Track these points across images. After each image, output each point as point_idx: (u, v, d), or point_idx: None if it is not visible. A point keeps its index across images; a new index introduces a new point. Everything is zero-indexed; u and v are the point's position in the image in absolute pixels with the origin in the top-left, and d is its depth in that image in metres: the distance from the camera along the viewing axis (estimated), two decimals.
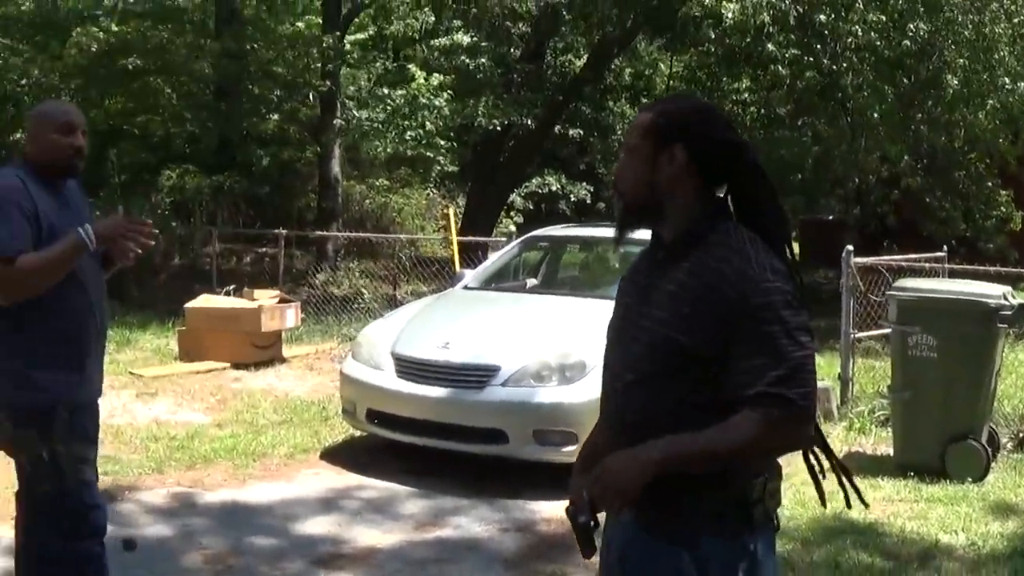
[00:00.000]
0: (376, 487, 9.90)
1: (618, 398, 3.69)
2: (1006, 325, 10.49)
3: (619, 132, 39.31)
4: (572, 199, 36.58)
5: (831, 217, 35.19)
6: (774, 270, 3.49)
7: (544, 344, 10.17)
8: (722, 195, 3.74)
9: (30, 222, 5.42)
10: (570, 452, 9.62)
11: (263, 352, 15.67)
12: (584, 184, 36.34)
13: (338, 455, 10.97)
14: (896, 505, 9.56)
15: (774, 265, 3.51)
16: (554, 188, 35.94)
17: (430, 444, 10.13)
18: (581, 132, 35.04)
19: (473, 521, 8.90)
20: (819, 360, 14.08)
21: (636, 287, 3.77)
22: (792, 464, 9.74)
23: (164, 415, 12.44)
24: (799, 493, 9.67)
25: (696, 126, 3.66)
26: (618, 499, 3.48)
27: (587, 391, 9.64)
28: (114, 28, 22.41)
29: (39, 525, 5.74)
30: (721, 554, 3.55)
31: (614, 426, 3.72)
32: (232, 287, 18.78)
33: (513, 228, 29.90)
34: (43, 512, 5.69)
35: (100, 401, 6.02)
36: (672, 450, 3.44)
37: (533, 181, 35.13)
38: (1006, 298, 10.39)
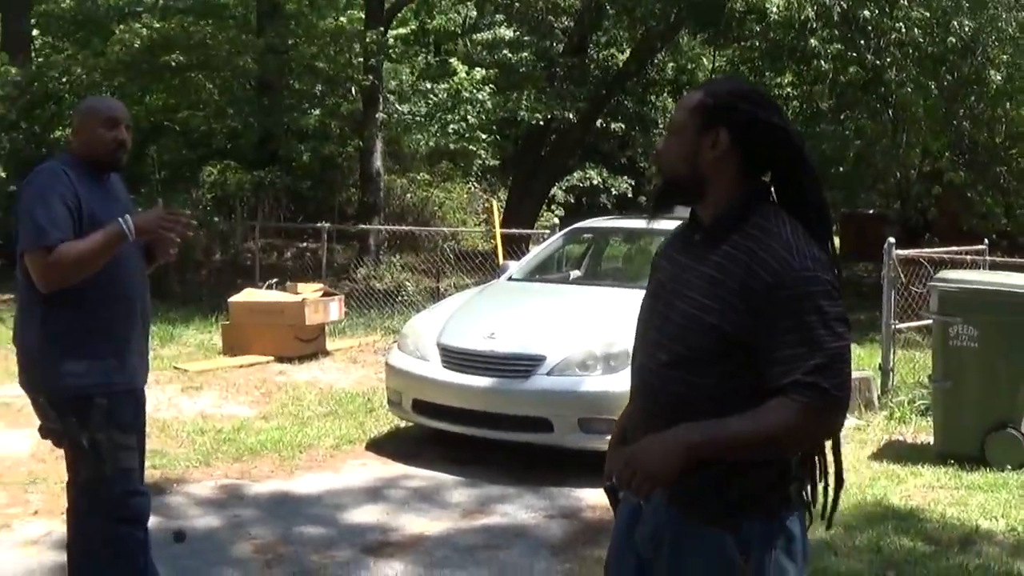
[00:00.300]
0: (422, 476, 9.94)
1: (652, 378, 3.69)
2: None
3: (661, 126, 39.33)
4: (614, 193, 36.62)
5: (872, 211, 35.09)
6: (815, 259, 3.48)
7: (588, 334, 10.18)
8: (765, 180, 3.72)
9: (71, 211, 5.48)
10: None
11: (307, 345, 15.72)
12: (626, 178, 36.39)
13: (384, 446, 11.02)
14: (937, 492, 9.62)
15: (815, 254, 3.50)
16: (595, 182, 35.96)
17: (476, 433, 10.16)
18: (623, 126, 35.07)
19: (519, 508, 8.94)
20: (860, 351, 14.23)
21: (672, 265, 3.77)
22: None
23: (210, 409, 12.50)
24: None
25: (743, 109, 3.63)
26: (647, 483, 3.48)
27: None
28: (156, 24, 22.41)
29: (82, 512, 5.80)
30: (761, 534, 3.58)
31: (647, 407, 3.73)
32: (275, 281, 18.85)
33: (556, 221, 29.93)
34: (85, 499, 5.76)
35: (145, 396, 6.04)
36: (703, 436, 3.46)
37: (575, 175, 35.16)
38: None
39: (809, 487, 3.77)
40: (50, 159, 5.95)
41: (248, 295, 16.59)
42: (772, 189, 3.72)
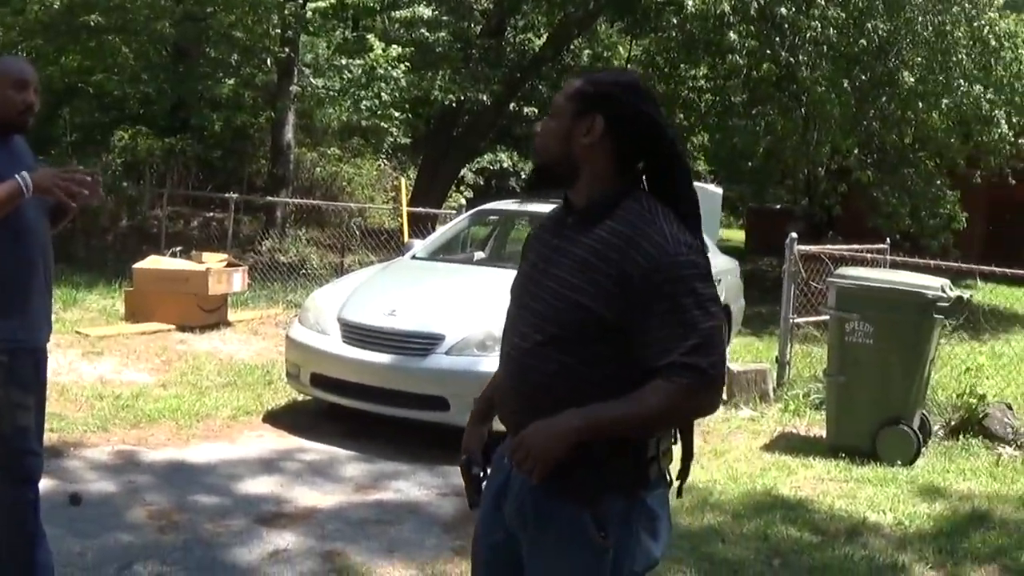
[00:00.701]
0: (318, 450, 10.02)
1: (525, 357, 3.79)
2: (942, 316, 10.74)
3: None
4: (523, 176, 36.70)
5: (779, 206, 35.43)
6: (688, 244, 3.62)
7: (488, 315, 10.24)
8: (638, 169, 3.83)
9: None
10: None
11: (209, 315, 15.72)
12: None
13: (281, 418, 11.08)
14: (826, 484, 9.82)
15: (688, 240, 3.63)
16: (506, 165, 36.09)
17: (373, 409, 10.24)
18: (536, 111, 35.07)
19: (412, 485, 9.04)
20: (759, 344, 14.46)
21: (544, 247, 3.88)
22: (726, 441, 9.94)
23: (109, 374, 12.49)
24: (731, 469, 9.97)
25: (621, 99, 3.77)
26: (539, 468, 3.61)
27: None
28: None
29: None
30: (620, 510, 3.70)
31: (517, 386, 3.84)
32: (179, 249, 18.80)
33: (463, 202, 29.93)
34: None
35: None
36: (588, 420, 3.58)
37: (485, 157, 35.24)
38: (944, 290, 10.64)
39: (668, 469, 3.87)
40: None
41: (152, 262, 16.54)
42: (644, 178, 3.84)
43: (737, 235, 42.94)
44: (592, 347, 3.64)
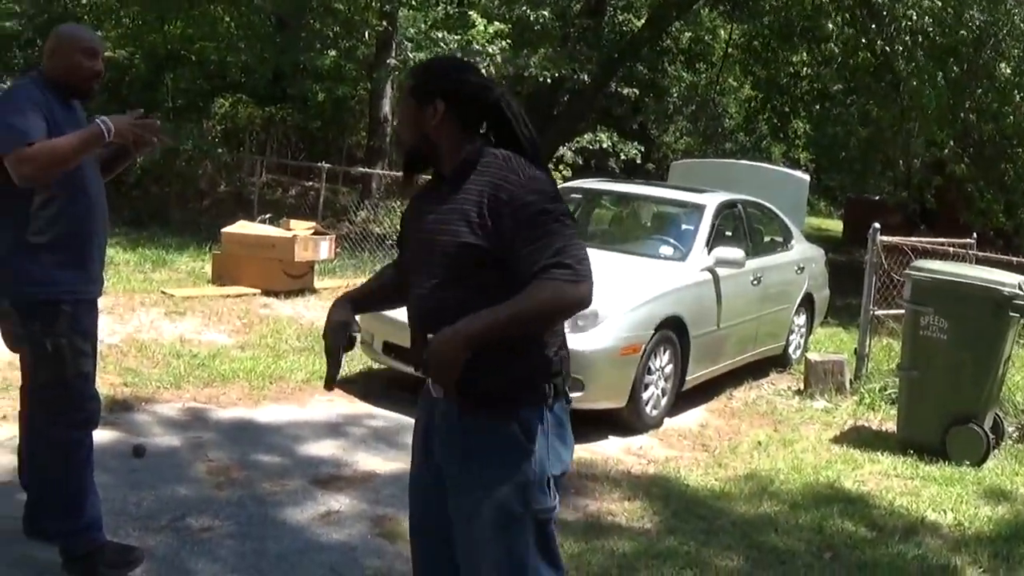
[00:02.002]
0: (385, 417, 10.11)
1: (425, 301, 4.36)
2: (1018, 315, 10.51)
3: (674, 95, 39.30)
4: (622, 157, 36.53)
5: (877, 197, 35.09)
6: (535, 176, 4.25)
7: None
8: (483, 131, 4.47)
9: (47, 123, 5.60)
10: (576, 398, 9.72)
11: (294, 281, 15.88)
12: (635, 143, 36.28)
13: (353, 384, 11.17)
14: (891, 480, 9.71)
15: (535, 173, 4.25)
16: (605, 145, 35.82)
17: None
18: (636, 92, 34.98)
19: None
20: (844, 335, 14.35)
21: (426, 212, 4.44)
22: (796, 431, 9.91)
23: (189, 334, 12.66)
24: (797, 459, 9.89)
25: (448, 79, 4.44)
26: (449, 373, 4.03)
27: (597, 340, 9.88)
28: None
29: (38, 414, 5.97)
30: (536, 420, 4.26)
31: (424, 327, 4.28)
32: (269, 215, 18.99)
33: (561, 181, 29.92)
34: (43, 401, 5.93)
35: (128, 316, 6.21)
36: (484, 322, 4.04)
37: (585, 136, 35.06)
38: (1021, 287, 10.45)
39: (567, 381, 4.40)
40: (19, 79, 6.06)
41: (241, 227, 16.72)
42: (490, 135, 4.46)
43: (835, 225, 42.61)
44: (479, 278, 4.21)
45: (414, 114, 4.44)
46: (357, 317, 4.81)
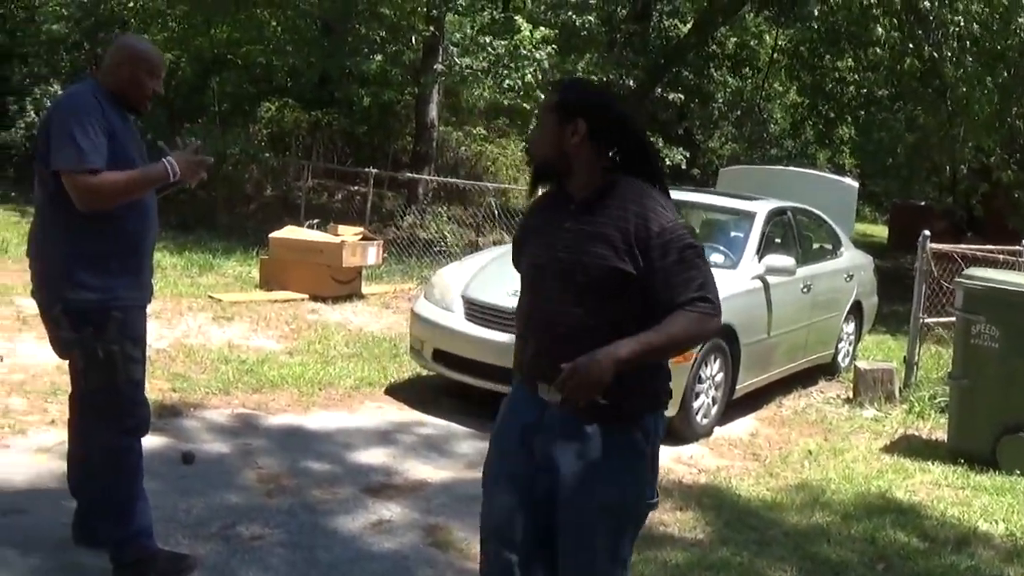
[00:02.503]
0: (435, 424, 10.11)
1: (559, 314, 4.59)
2: None
3: (720, 100, 39.17)
4: (668, 163, 36.46)
5: (923, 203, 34.90)
6: (675, 211, 4.60)
7: None
8: (615, 157, 4.70)
9: (107, 138, 5.64)
10: None
11: (342, 287, 15.90)
12: (681, 149, 36.22)
13: (402, 391, 11.17)
14: (942, 490, 9.64)
15: (673, 208, 4.60)
16: None
17: (492, 387, 10.24)
18: (682, 97, 34.91)
19: None
20: (892, 343, 14.26)
21: (557, 230, 4.68)
22: (847, 440, 9.87)
23: (237, 339, 12.68)
24: (848, 468, 9.84)
25: (595, 103, 4.71)
26: (589, 394, 4.33)
27: None
28: None
29: (89, 420, 5.98)
30: (654, 426, 4.70)
31: (551, 334, 4.61)
32: (316, 221, 19.04)
33: None
34: (94, 407, 5.95)
35: (176, 321, 6.26)
36: (634, 347, 4.36)
37: None
38: None
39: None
40: (77, 84, 6.08)
41: (289, 232, 16.76)
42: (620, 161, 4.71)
43: (881, 231, 42.42)
44: (619, 301, 4.51)
45: (554, 130, 4.65)
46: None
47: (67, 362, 6.07)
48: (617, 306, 4.52)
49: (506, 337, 10.20)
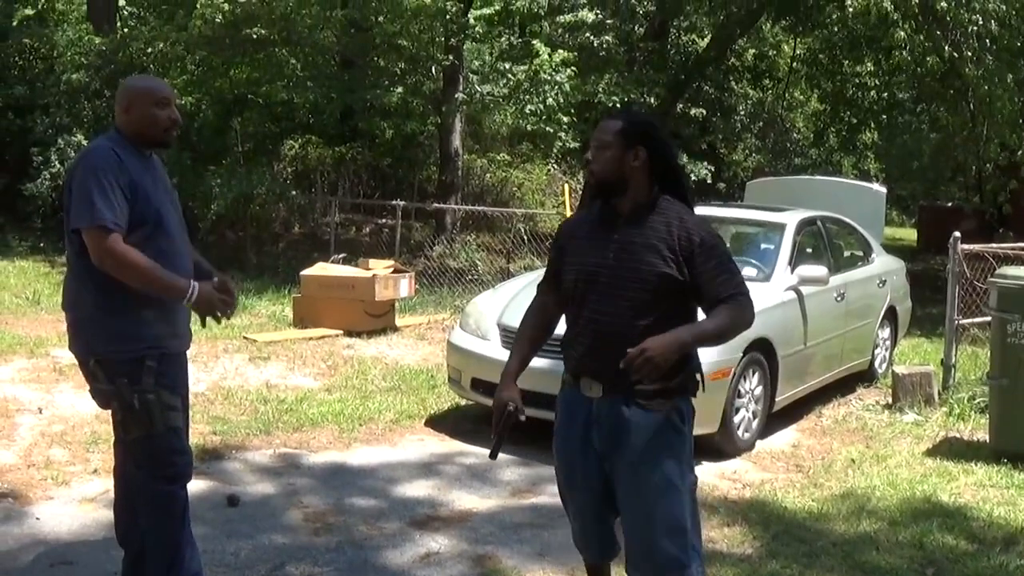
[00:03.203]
0: (477, 454, 10.05)
1: (617, 316, 5.42)
2: None
3: (741, 112, 39.17)
4: (693, 178, 36.41)
5: (950, 204, 34.80)
6: (710, 223, 5.71)
7: None
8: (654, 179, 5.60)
9: (125, 194, 5.69)
10: None
11: (376, 321, 15.92)
12: (705, 163, 36.19)
13: (442, 422, 11.19)
14: (987, 490, 9.62)
15: (706, 222, 5.57)
16: None
17: (532, 414, 10.15)
18: (704, 112, 34.93)
19: None
20: (928, 346, 14.22)
21: (606, 241, 5.54)
22: (888, 446, 9.83)
23: (275, 379, 12.71)
24: (892, 474, 9.81)
25: (653, 135, 5.59)
26: (656, 371, 5.13)
27: None
28: None
29: (130, 470, 6.01)
30: (687, 408, 5.60)
31: (599, 332, 5.48)
32: (344, 255, 19.08)
33: None
34: (133, 457, 5.97)
35: (213, 363, 6.28)
36: (694, 333, 5.38)
37: None
38: None
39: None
40: (98, 138, 6.11)
41: (320, 269, 16.81)
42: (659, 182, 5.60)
43: (909, 234, 42.35)
44: (668, 302, 5.40)
45: (618, 153, 5.48)
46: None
47: (108, 411, 6.10)
48: (660, 308, 5.38)
49: (543, 363, 10.12)
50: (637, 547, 5.55)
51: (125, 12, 29.60)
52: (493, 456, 6.05)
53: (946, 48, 21.96)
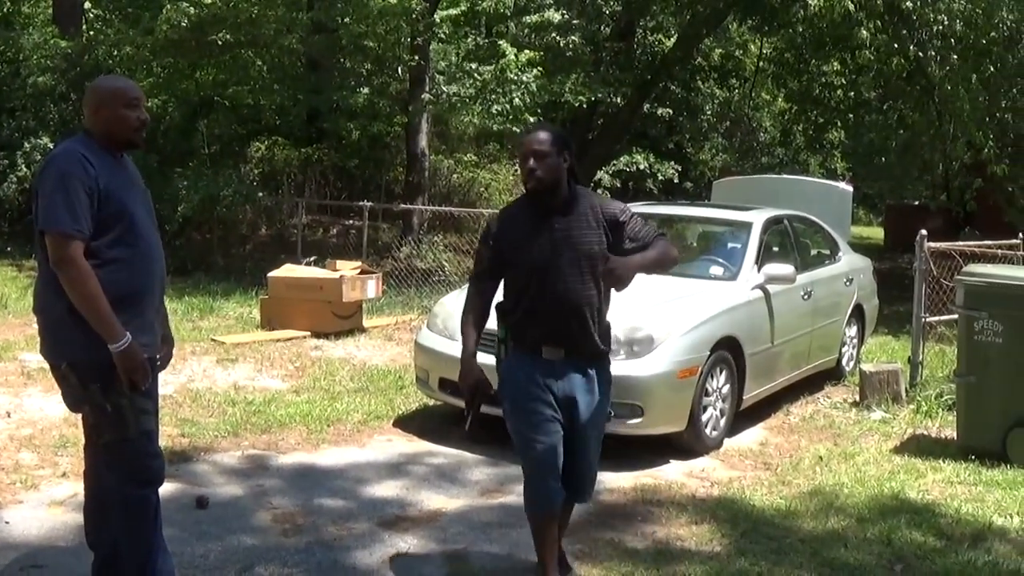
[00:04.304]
0: (445, 454, 10.08)
1: (570, 295, 6.56)
2: None
3: (708, 112, 39.25)
4: (660, 178, 36.49)
5: (917, 203, 34.94)
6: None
7: (613, 318, 10.25)
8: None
9: (91, 197, 5.67)
10: (635, 424, 9.79)
11: (344, 322, 15.91)
12: (672, 163, 36.28)
13: (411, 423, 11.17)
14: (955, 487, 9.66)
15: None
16: (642, 166, 35.82)
17: (500, 413, 10.23)
18: (671, 111, 35.00)
19: None
20: (895, 344, 14.28)
21: (545, 230, 6.61)
22: (856, 444, 9.85)
23: (243, 381, 12.68)
24: (859, 472, 9.86)
25: (569, 140, 6.77)
26: (622, 283, 6.49)
27: (654, 364, 9.86)
28: (206, 0, 22.50)
29: (101, 474, 5.99)
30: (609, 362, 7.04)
31: (569, 312, 6.60)
32: (314, 258, 19.10)
33: None
34: (106, 460, 5.94)
35: (180, 366, 6.27)
36: (642, 259, 6.62)
37: (621, 159, 35.05)
38: None
39: None
40: (67, 141, 6.09)
41: (287, 270, 16.79)
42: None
43: (876, 232, 42.46)
44: (599, 269, 6.57)
45: (556, 159, 6.57)
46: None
47: (77, 414, 6.08)
48: (599, 278, 6.58)
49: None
50: (587, 473, 6.97)
51: (91, 15, 29.46)
52: (469, 430, 7.09)
53: (911, 48, 22.07)
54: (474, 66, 24.57)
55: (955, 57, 21.98)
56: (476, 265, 7.07)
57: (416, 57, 23.68)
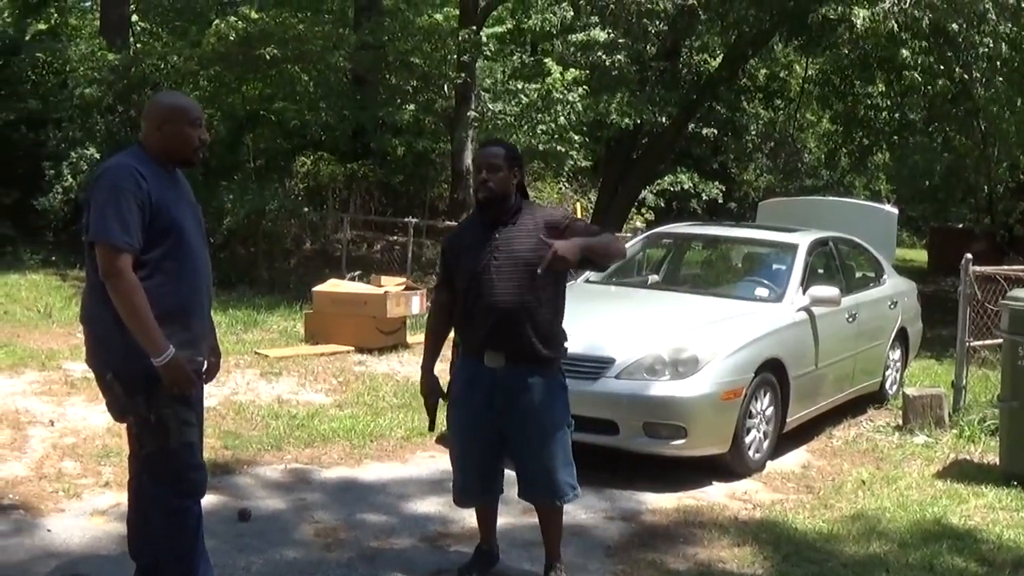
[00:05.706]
0: None
1: (511, 301, 6.80)
2: None
3: (753, 132, 39.17)
4: (704, 198, 36.53)
5: (960, 225, 34.80)
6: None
7: (659, 339, 10.23)
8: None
9: (143, 211, 5.72)
10: (679, 445, 9.77)
11: (387, 337, 15.94)
12: (716, 183, 36.30)
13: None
14: (997, 513, 9.60)
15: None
16: (686, 186, 35.88)
17: None
18: (715, 131, 34.95)
19: (579, 508, 8.92)
20: (939, 368, 14.18)
21: (489, 242, 6.91)
22: (899, 468, 9.81)
23: (286, 394, 12.74)
24: (902, 496, 9.80)
25: (519, 156, 7.21)
26: (566, 264, 6.66)
27: (698, 386, 9.82)
28: (253, 16, 22.60)
29: (144, 484, 6.03)
30: (560, 369, 7.21)
31: (509, 321, 6.82)
32: (358, 273, 19.12)
33: (641, 224, 29.85)
34: (148, 471, 5.98)
35: (224, 378, 6.31)
36: (587, 241, 6.77)
37: (665, 179, 35.09)
38: None
39: None
40: (120, 154, 6.13)
41: (332, 285, 16.85)
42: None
43: (919, 255, 42.31)
44: (540, 282, 6.81)
45: (506, 174, 6.95)
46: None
47: (121, 424, 6.12)
48: (540, 284, 6.83)
49: None
50: (539, 476, 7.23)
51: (138, 28, 29.66)
52: (431, 430, 8.02)
53: (956, 69, 22.00)
54: (520, 84, 24.61)
55: (1000, 80, 21.89)
56: (437, 278, 7.81)
57: (462, 74, 23.73)
